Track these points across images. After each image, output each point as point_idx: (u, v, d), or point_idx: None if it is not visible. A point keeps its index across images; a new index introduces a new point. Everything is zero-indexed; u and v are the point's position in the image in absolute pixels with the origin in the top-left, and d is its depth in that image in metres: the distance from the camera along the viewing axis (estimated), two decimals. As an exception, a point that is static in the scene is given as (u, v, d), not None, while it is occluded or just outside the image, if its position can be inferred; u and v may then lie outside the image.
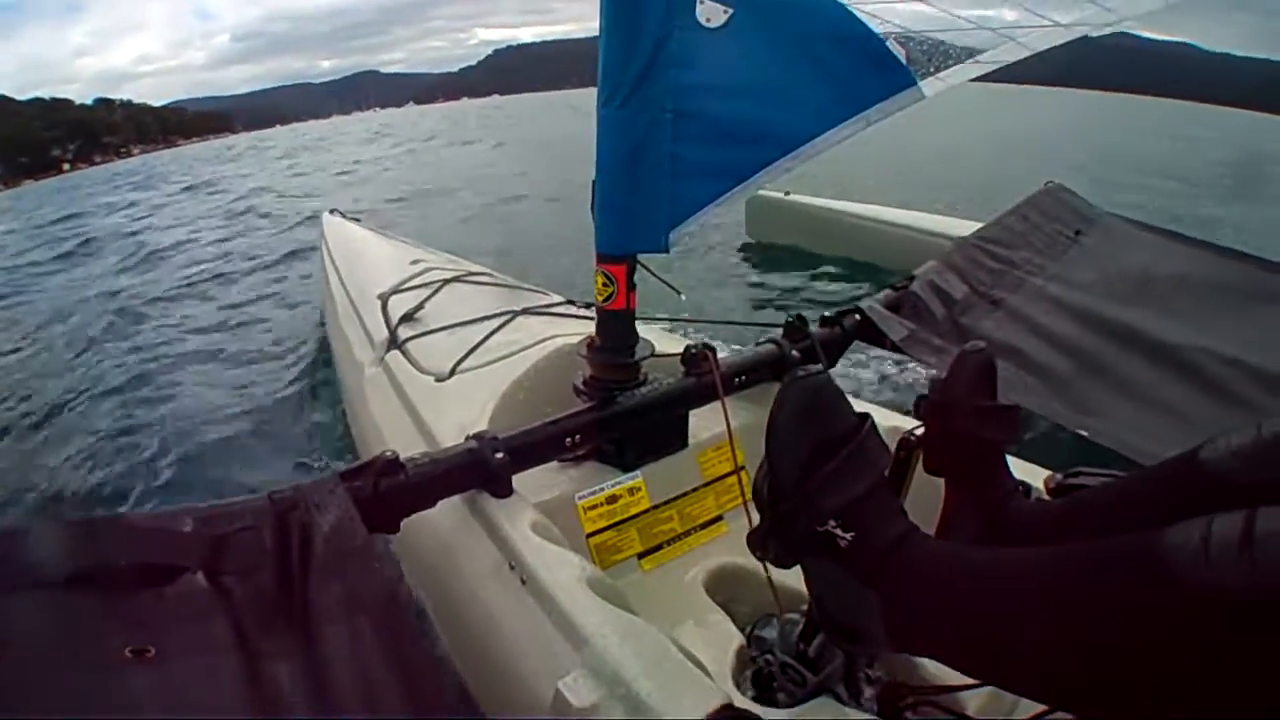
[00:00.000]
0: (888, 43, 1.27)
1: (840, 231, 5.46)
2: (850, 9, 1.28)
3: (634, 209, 1.40)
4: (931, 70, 1.28)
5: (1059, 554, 0.72)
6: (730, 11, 1.29)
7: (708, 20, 1.30)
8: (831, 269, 5.49)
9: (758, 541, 0.92)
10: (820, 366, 0.89)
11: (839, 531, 0.84)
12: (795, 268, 5.71)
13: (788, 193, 5.83)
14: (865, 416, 0.89)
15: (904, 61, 1.27)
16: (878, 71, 1.28)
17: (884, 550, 0.82)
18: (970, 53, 1.29)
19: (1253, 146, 17.92)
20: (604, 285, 1.46)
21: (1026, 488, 1.11)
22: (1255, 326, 2.00)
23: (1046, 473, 1.22)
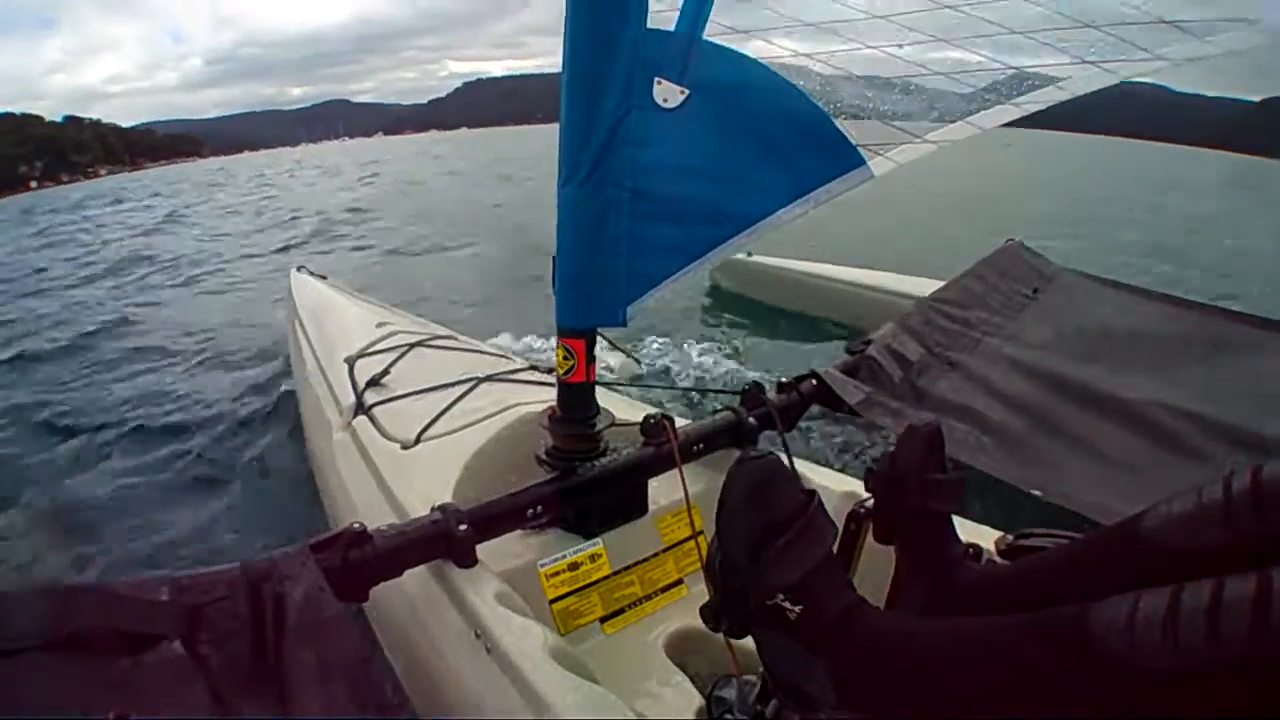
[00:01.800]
0: (837, 122, 1.31)
1: (801, 290, 5.55)
2: (800, 89, 1.32)
3: (593, 284, 1.43)
4: (881, 150, 1.31)
5: (993, 626, 0.74)
6: (686, 93, 1.34)
7: (664, 101, 1.34)
8: (793, 327, 5.54)
9: (710, 615, 0.95)
10: (767, 450, 0.92)
11: (788, 605, 0.86)
12: (758, 326, 5.77)
13: (750, 253, 5.91)
14: (812, 494, 0.92)
15: (853, 142, 1.31)
16: (828, 152, 1.31)
17: (831, 622, 0.85)
18: (920, 131, 1.31)
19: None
20: (564, 358, 1.49)
21: (977, 550, 1.14)
22: (1212, 377, 2.02)
23: (998, 534, 1.24)
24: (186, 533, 3.14)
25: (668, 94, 1.34)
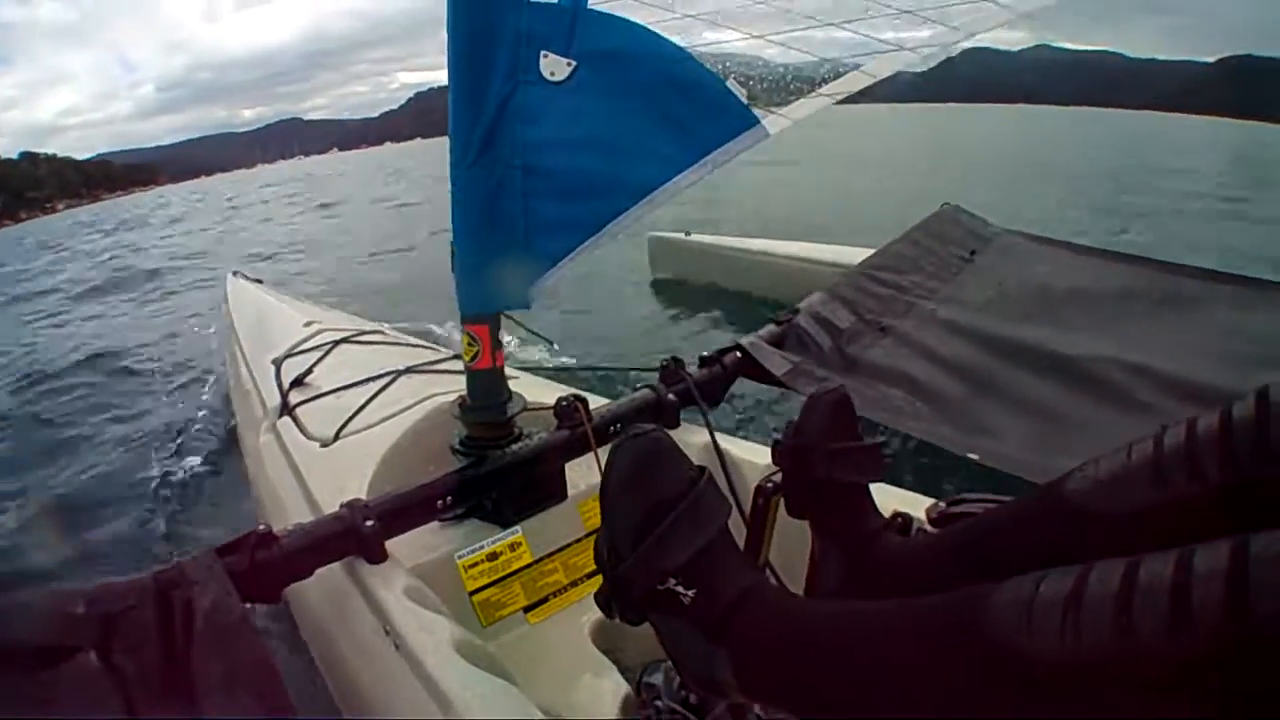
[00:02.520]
0: (727, 82, 1.28)
1: (741, 267, 5.53)
2: (688, 52, 1.29)
3: (492, 268, 1.40)
4: (774, 107, 1.29)
5: (891, 610, 0.70)
6: (573, 65, 1.31)
7: (551, 74, 1.31)
8: (733, 304, 5.55)
9: (602, 603, 0.91)
10: (652, 426, 0.89)
11: (680, 589, 0.83)
12: (697, 305, 5.78)
13: (688, 233, 5.93)
14: (701, 470, 0.88)
15: (745, 101, 1.28)
16: (720, 114, 1.29)
17: (727, 606, 0.82)
18: (812, 84, 1.29)
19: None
20: (469, 345, 1.47)
21: (906, 520, 1.10)
22: (1159, 331, 2.00)
23: (930, 501, 1.22)
24: (121, 542, 3.13)
25: (554, 67, 1.31)
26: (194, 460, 3.72)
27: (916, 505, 1.22)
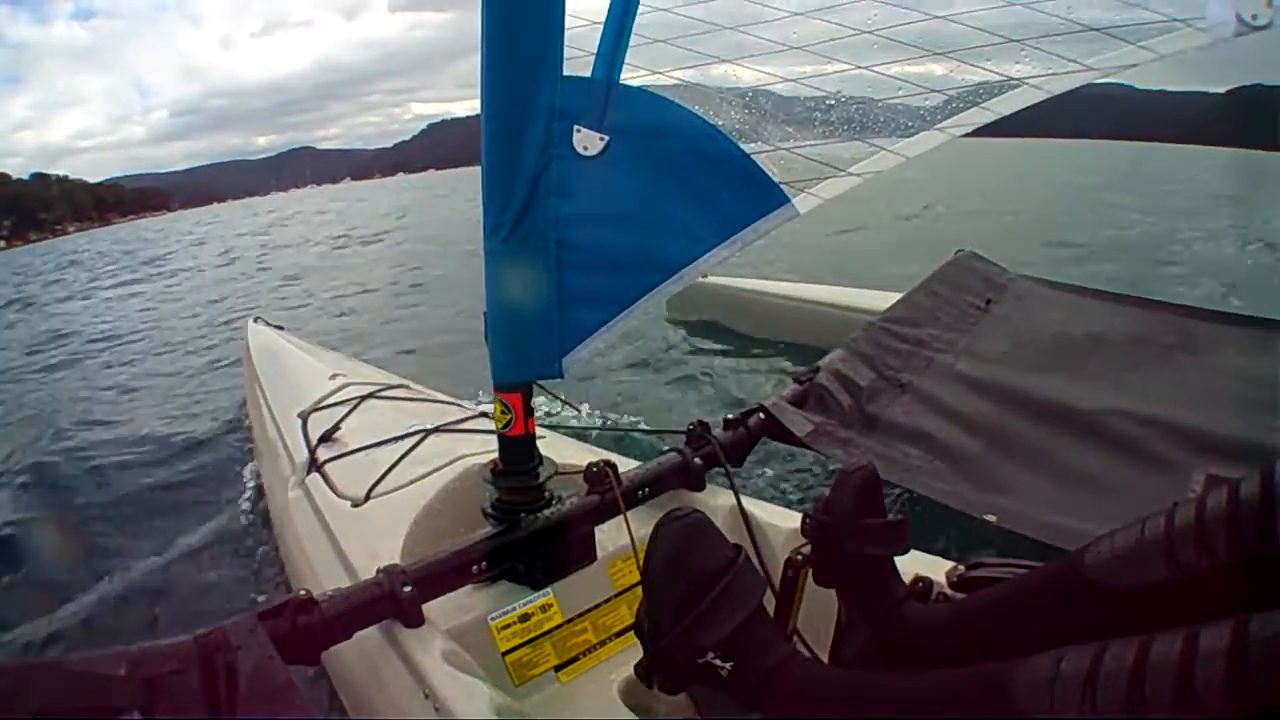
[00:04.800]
0: (758, 160, 1.30)
1: (758, 310, 5.45)
2: (722, 131, 1.32)
3: (525, 338, 1.42)
4: (805, 186, 1.31)
5: (921, 683, 0.75)
6: (606, 139, 1.33)
7: (585, 149, 1.34)
8: (750, 348, 5.48)
9: (642, 674, 0.95)
10: (691, 509, 0.92)
11: (718, 662, 0.86)
12: (715, 349, 5.70)
13: (705, 275, 5.81)
14: (738, 550, 0.92)
15: (776, 180, 1.30)
16: (751, 192, 1.31)
17: (763, 677, 0.86)
18: (843, 164, 1.31)
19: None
20: (502, 413, 1.49)
21: (927, 584, 1.14)
22: (1173, 379, 2.02)
23: (949, 565, 1.24)
24: (149, 596, 3.09)
25: (587, 141, 1.34)
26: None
27: (936, 568, 1.25)
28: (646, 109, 1.34)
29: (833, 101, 1.30)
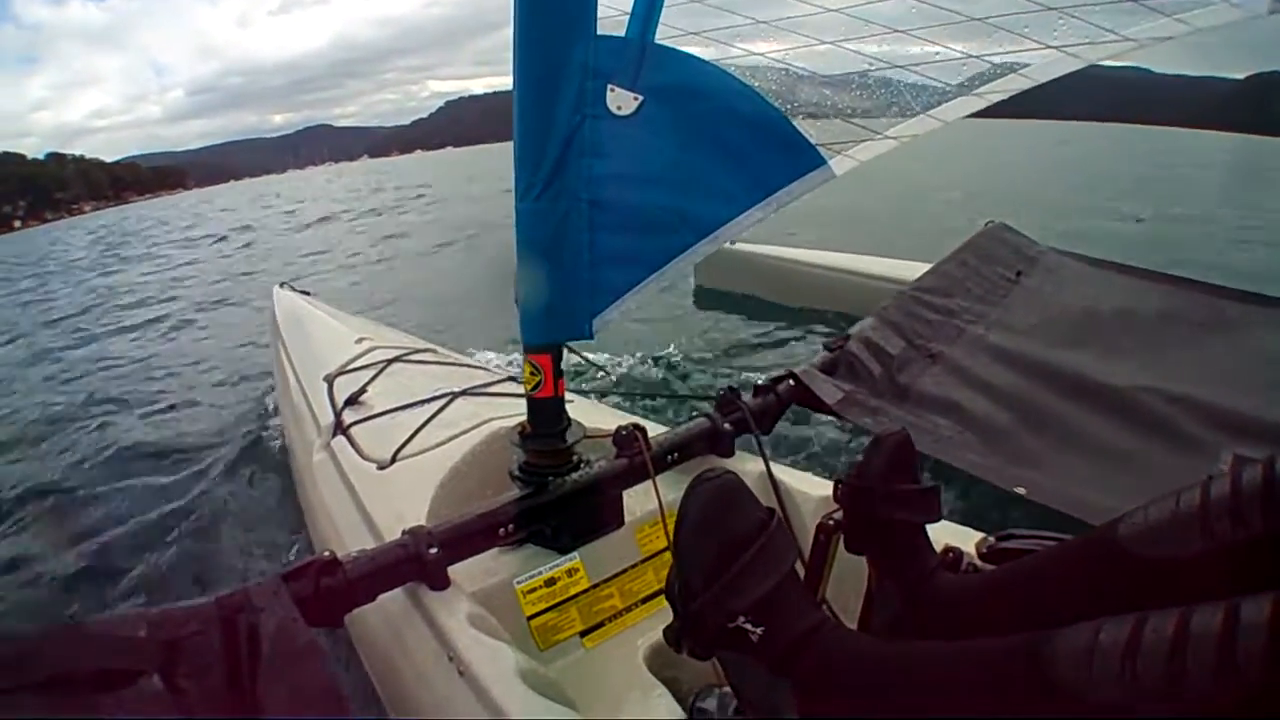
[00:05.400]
0: (794, 122, 1.29)
1: (786, 278, 5.44)
2: (757, 91, 1.30)
3: (555, 299, 1.41)
4: (842, 148, 1.29)
5: (956, 651, 0.73)
6: (640, 99, 1.32)
7: (618, 108, 1.32)
8: (779, 315, 5.46)
9: (672, 639, 0.93)
10: (724, 470, 0.91)
11: (749, 627, 0.85)
12: (743, 315, 5.69)
13: (733, 241, 5.78)
14: (771, 513, 0.90)
15: (812, 142, 1.29)
16: (786, 154, 1.29)
17: (794, 643, 0.84)
18: (880, 127, 1.29)
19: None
20: (531, 374, 1.48)
21: (957, 554, 1.13)
22: (1202, 359, 2.00)
23: (979, 536, 1.23)
24: (171, 560, 3.12)
25: (621, 101, 1.32)
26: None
27: (965, 539, 1.24)
28: (681, 69, 1.32)
29: (870, 66, 1.28)
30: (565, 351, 1.52)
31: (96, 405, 5.52)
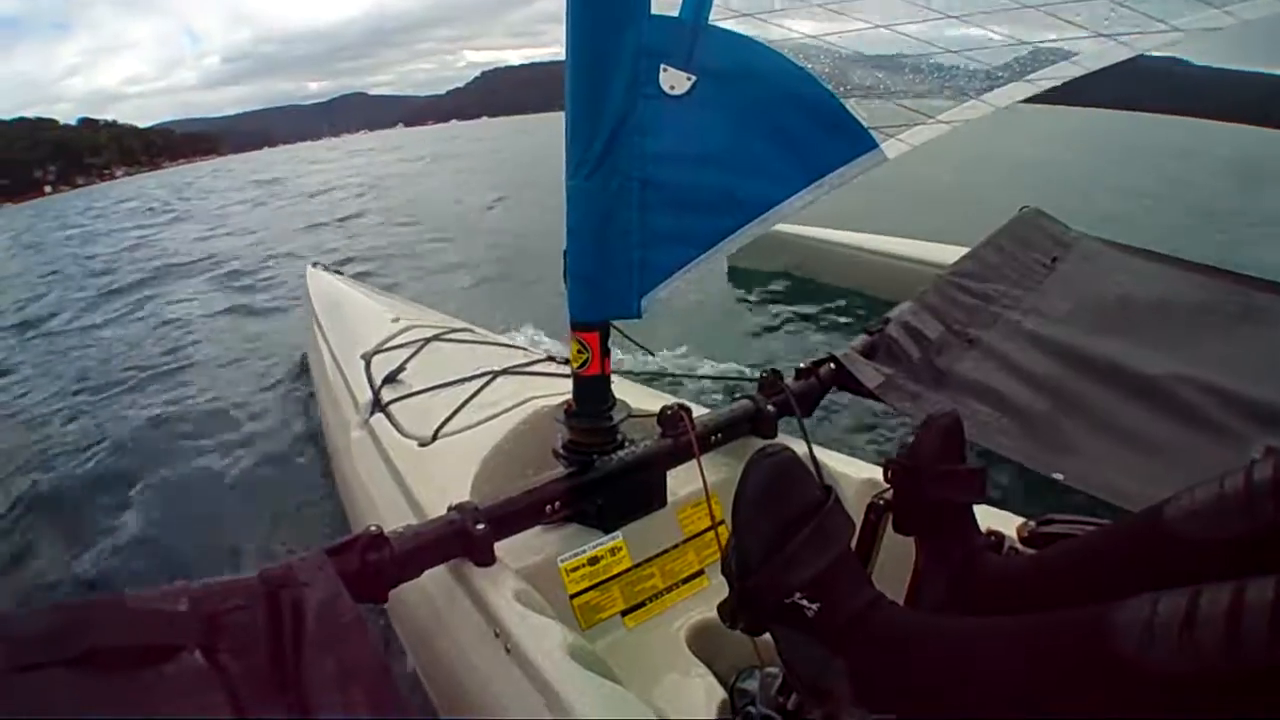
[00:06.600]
0: (847, 105, 1.28)
1: (822, 259, 5.43)
2: (810, 73, 1.29)
3: (604, 277, 1.42)
4: (894, 131, 1.29)
5: (1012, 626, 0.74)
6: (693, 79, 1.31)
7: (671, 88, 1.32)
8: (815, 297, 5.45)
9: (727, 614, 0.95)
10: (781, 446, 0.92)
11: (805, 602, 0.86)
12: (778, 297, 5.69)
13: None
14: (829, 490, 0.91)
15: (865, 125, 1.28)
16: (839, 136, 1.29)
17: (849, 619, 0.85)
18: (933, 111, 1.29)
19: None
20: (578, 352, 1.48)
21: (999, 538, 1.14)
22: (1236, 349, 1.99)
23: (1020, 520, 1.24)
24: (204, 536, 3.15)
25: (674, 81, 1.32)
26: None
27: (1006, 523, 1.24)
28: (735, 50, 1.32)
29: (923, 50, 1.27)
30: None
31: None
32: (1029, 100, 1.28)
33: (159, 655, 0.89)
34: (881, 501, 1.22)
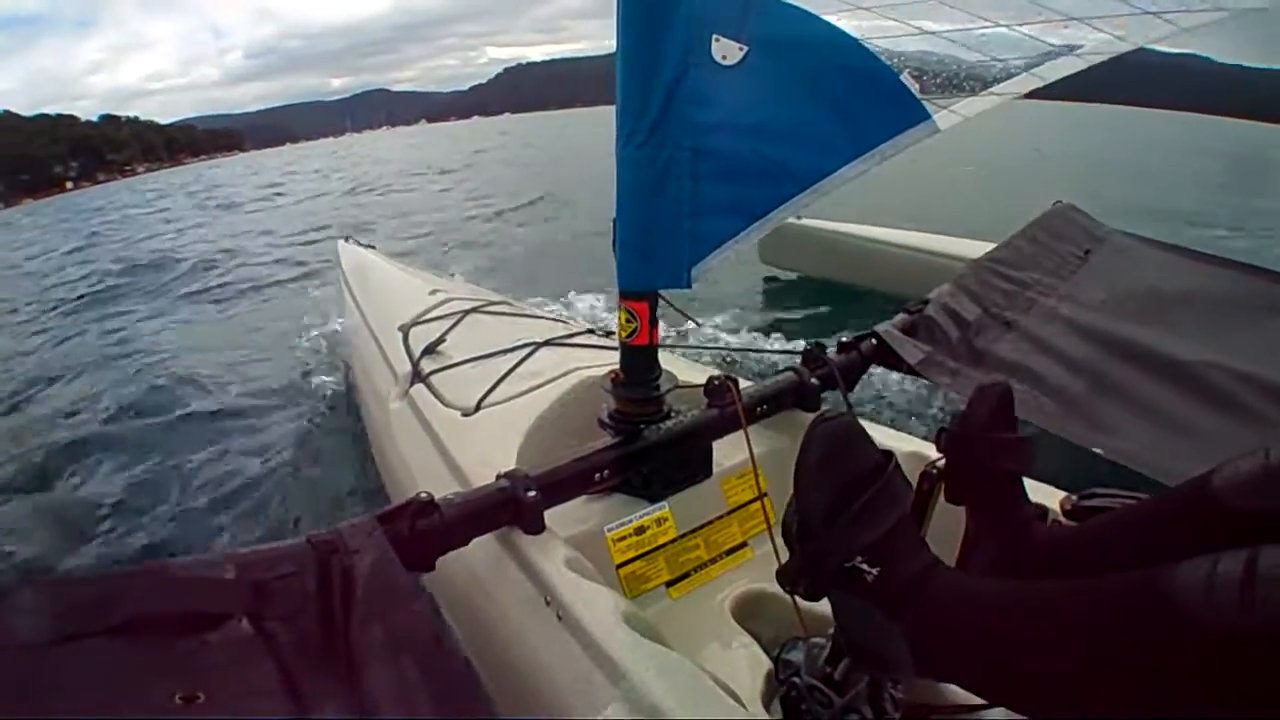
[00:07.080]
0: (901, 76, 1.29)
1: (850, 254, 5.40)
2: (863, 43, 1.29)
3: (654, 246, 1.42)
4: (946, 103, 1.30)
5: (1072, 587, 0.75)
6: (745, 49, 1.32)
7: (723, 58, 1.32)
8: (843, 292, 5.46)
9: (788, 578, 0.95)
10: (843, 411, 0.93)
11: (865, 567, 0.87)
12: (808, 290, 5.72)
13: (799, 216, 5.79)
14: (889, 455, 0.93)
15: (918, 95, 1.29)
16: (891, 107, 1.28)
17: (908, 583, 0.86)
18: (984, 84, 1.29)
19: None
20: (627, 321, 1.49)
21: (1043, 511, 1.15)
22: (1265, 340, 2.00)
23: (1062, 494, 1.24)
24: (239, 508, 3.18)
25: (726, 50, 1.32)
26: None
27: (1049, 497, 1.25)
28: (787, 20, 1.32)
29: (973, 24, 1.28)
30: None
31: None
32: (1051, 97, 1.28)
33: (205, 623, 0.88)
34: (934, 470, 1.22)
